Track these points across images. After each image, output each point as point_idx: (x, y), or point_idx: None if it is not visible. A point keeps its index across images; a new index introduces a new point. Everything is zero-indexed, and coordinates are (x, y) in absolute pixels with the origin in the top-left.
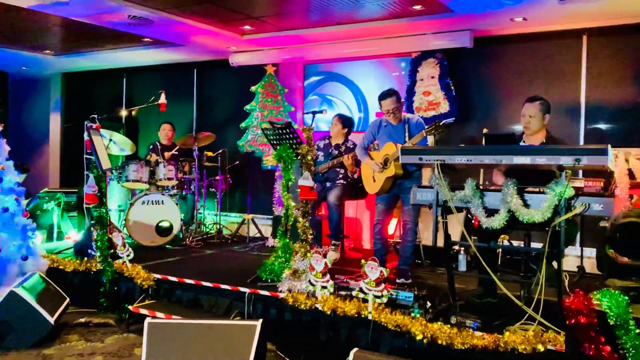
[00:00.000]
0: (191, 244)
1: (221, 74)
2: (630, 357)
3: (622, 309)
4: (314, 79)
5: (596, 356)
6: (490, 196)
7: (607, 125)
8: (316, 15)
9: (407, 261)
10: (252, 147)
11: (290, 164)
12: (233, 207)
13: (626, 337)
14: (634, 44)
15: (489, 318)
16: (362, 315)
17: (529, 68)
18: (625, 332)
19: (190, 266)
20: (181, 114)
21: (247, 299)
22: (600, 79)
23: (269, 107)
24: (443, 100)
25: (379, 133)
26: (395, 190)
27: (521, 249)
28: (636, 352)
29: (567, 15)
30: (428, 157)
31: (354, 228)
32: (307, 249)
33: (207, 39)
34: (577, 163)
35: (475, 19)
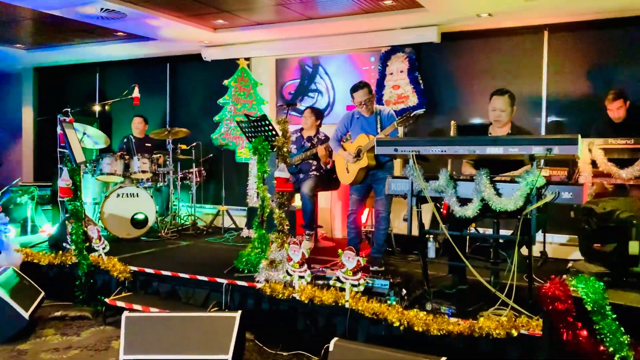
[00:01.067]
0: (166, 236)
1: (194, 68)
2: (607, 342)
3: (598, 295)
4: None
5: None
6: (463, 186)
7: (567, 117)
8: (288, 10)
9: (380, 249)
10: (225, 140)
11: (266, 156)
12: (207, 199)
13: (603, 323)
14: (592, 39)
15: (463, 304)
16: (340, 304)
17: (493, 62)
18: (602, 318)
19: (166, 258)
20: (155, 108)
21: (224, 290)
22: (561, 73)
23: (242, 100)
24: (412, 93)
25: (352, 125)
26: (368, 180)
27: (493, 237)
28: (613, 337)
29: (530, 11)
30: (403, 148)
31: (327, 218)
32: (283, 239)
33: (180, 33)
34: (549, 153)
35: (442, 15)
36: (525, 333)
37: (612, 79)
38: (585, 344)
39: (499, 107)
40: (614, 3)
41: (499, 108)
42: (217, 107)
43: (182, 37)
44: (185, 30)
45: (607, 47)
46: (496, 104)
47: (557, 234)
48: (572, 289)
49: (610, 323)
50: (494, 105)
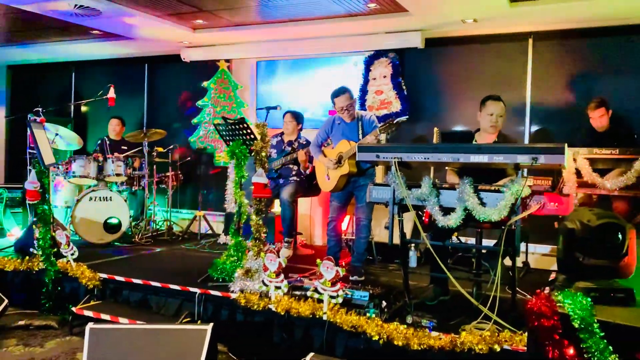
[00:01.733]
0: (140, 241)
1: (173, 68)
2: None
3: (586, 312)
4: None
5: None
6: (446, 194)
7: (551, 126)
8: (271, 12)
9: (361, 258)
10: (204, 143)
11: (244, 161)
12: (184, 203)
13: (591, 341)
14: (577, 48)
15: (444, 317)
16: (317, 316)
17: (477, 69)
18: (590, 336)
19: (138, 265)
20: (131, 109)
21: (197, 300)
22: (545, 81)
23: (222, 103)
24: (395, 99)
25: (333, 131)
26: (349, 187)
27: (476, 247)
28: (601, 356)
29: (515, 18)
30: (385, 155)
31: (306, 225)
32: (260, 247)
33: (158, 32)
34: (535, 162)
35: (427, 20)
36: (508, 349)
37: (596, 87)
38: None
39: (496, 112)
40: (598, 12)
41: (497, 113)
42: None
43: (160, 36)
44: (163, 30)
45: (591, 56)
46: (493, 109)
47: (539, 244)
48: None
49: (598, 341)
50: (491, 110)
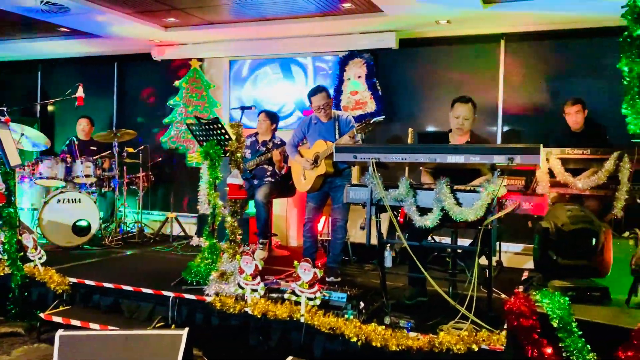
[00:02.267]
0: (111, 244)
1: (143, 67)
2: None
3: (564, 311)
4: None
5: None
6: (423, 195)
7: (523, 127)
8: (244, 10)
9: (337, 259)
10: (175, 144)
11: (218, 161)
12: (155, 205)
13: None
14: (548, 50)
15: (422, 317)
16: (295, 319)
17: (451, 70)
18: (569, 335)
19: (109, 268)
20: (100, 109)
21: (171, 304)
22: (517, 82)
23: (194, 102)
24: (370, 99)
25: (309, 131)
26: (325, 188)
27: (453, 247)
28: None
29: (488, 19)
30: (363, 155)
31: (281, 226)
32: (235, 249)
33: (129, 30)
34: (511, 162)
35: (401, 21)
36: (486, 348)
37: (568, 89)
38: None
39: (463, 114)
40: (569, 14)
41: (463, 116)
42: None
43: (130, 34)
44: (134, 28)
45: (563, 58)
46: (460, 111)
47: (512, 243)
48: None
49: (576, 340)
50: (458, 113)
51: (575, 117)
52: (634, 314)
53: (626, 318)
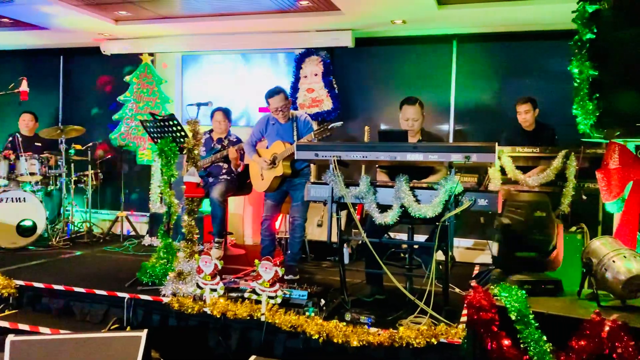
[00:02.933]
0: (58, 245)
1: (92, 62)
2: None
3: (522, 304)
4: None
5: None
6: (383, 192)
7: (474, 125)
8: (199, 5)
9: (295, 257)
10: (125, 141)
11: (173, 159)
12: (104, 204)
13: (526, 332)
14: (499, 51)
15: (382, 313)
16: (255, 318)
17: (405, 70)
18: (526, 327)
19: (58, 270)
20: (45, 104)
21: (126, 305)
22: (468, 82)
23: (145, 98)
24: (326, 97)
25: (267, 131)
26: (284, 187)
27: (412, 243)
28: (536, 345)
29: (442, 20)
30: (324, 153)
31: (237, 224)
32: (192, 249)
33: (77, 23)
34: (468, 160)
35: (357, 20)
36: (444, 341)
37: (518, 90)
38: (509, 353)
39: (411, 116)
40: (519, 17)
41: (412, 117)
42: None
43: (79, 27)
44: (82, 20)
45: (513, 59)
46: (408, 114)
47: (463, 238)
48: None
49: (533, 332)
50: (406, 115)
51: (525, 116)
52: (585, 305)
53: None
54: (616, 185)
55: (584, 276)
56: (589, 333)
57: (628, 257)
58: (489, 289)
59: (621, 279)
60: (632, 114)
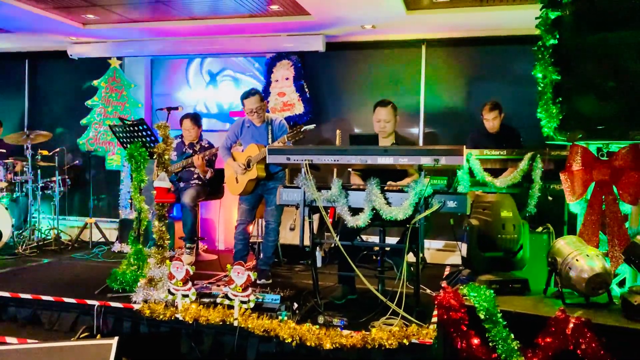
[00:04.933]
0: (25, 252)
1: (58, 65)
2: (499, 349)
3: (490, 303)
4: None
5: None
6: (354, 195)
7: (443, 128)
8: (167, 8)
9: (268, 261)
10: (94, 146)
11: (143, 164)
12: (72, 210)
13: (495, 330)
14: (467, 55)
15: (354, 315)
16: (228, 323)
17: (376, 74)
18: (494, 325)
19: (25, 278)
20: (10, 109)
21: (96, 313)
22: (437, 85)
23: (114, 102)
24: (297, 101)
25: (242, 134)
26: (259, 190)
27: (384, 245)
28: (504, 343)
29: (411, 24)
30: (296, 157)
31: (209, 229)
32: (163, 255)
33: (43, 26)
34: (437, 163)
35: (328, 24)
36: (416, 342)
37: (485, 93)
38: (478, 352)
39: (383, 118)
40: (486, 22)
41: (384, 119)
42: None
43: (45, 31)
44: (49, 23)
45: (480, 63)
46: (380, 115)
47: (434, 240)
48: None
49: (501, 330)
50: (379, 117)
51: (493, 122)
52: (551, 303)
53: (544, 307)
54: (579, 186)
55: (549, 275)
56: (554, 330)
57: (591, 256)
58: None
59: (584, 277)
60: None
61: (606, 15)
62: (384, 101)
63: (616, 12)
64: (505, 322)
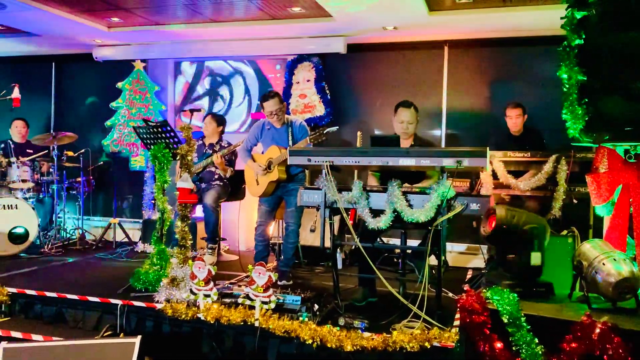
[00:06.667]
0: (50, 252)
1: (84, 68)
2: (523, 353)
3: (514, 307)
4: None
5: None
6: (375, 197)
7: (466, 130)
8: (190, 11)
9: (289, 263)
10: (118, 147)
11: (166, 165)
12: (97, 210)
13: (518, 334)
14: (489, 56)
15: (374, 318)
16: (249, 323)
17: (397, 75)
18: (518, 329)
19: (50, 277)
20: (36, 111)
21: (119, 312)
22: (459, 87)
23: (137, 104)
24: (318, 103)
25: (262, 136)
26: (278, 192)
27: (404, 248)
28: (528, 348)
29: (433, 26)
30: (317, 159)
31: (230, 230)
32: (186, 255)
33: (69, 29)
34: (459, 165)
35: (349, 26)
36: (438, 345)
37: (508, 94)
38: (501, 356)
39: (406, 119)
40: (510, 23)
41: (407, 120)
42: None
43: (71, 34)
44: (75, 27)
45: (503, 65)
46: (403, 116)
47: (456, 243)
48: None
49: (525, 334)
50: (401, 118)
51: (516, 120)
52: (576, 308)
53: (569, 312)
54: (605, 189)
55: (574, 279)
56: (580, 335)
57: (618, 260)
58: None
59: (611, 282)
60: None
61: (633, 14)
62: (406, 102)
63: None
64: (529, 326)
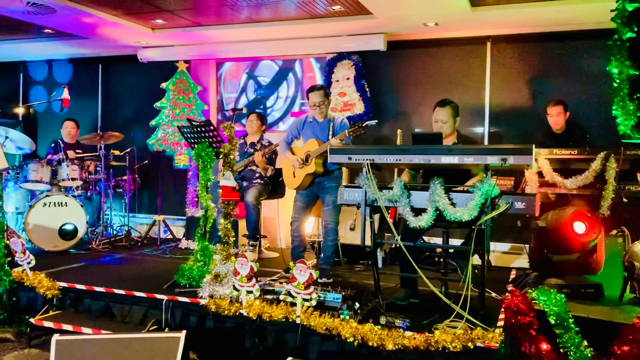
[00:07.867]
0: (98, 248)
1: (129, 69)
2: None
3: (561, 308)
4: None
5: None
6: (417, 195)
7: (509, 128)
8: (232, 12)
9: (329, 260)
10: (162, 146)
11: (210, 164)
12: (142, 208)
13: (566, 336)
14: (533, 52)
15: (417, 317)
16: (290, 320)
17: (438, 72)
18: (566, 331)
19: (98, 272)
20: (85, 111)
21: (164, 307)
22: (503, 83)
23: (181, 104)
24: (358, 101)
25: (304, 129)
26: (314, 188)
27: (447, 247)
28: (577, 350)
29: (475, 21)
30: (357, 157)
31: (271, 227)
32: (229, 251)
33: (115, 32)
34: (504, 162)
35: (390, 23)
36: (481, 346)
37: (551, 91)
38: (547, 358)
39: (440, 118)
40: (554, 17)
41: (441, 119)
42: (153, 111)
43: (117, 36)
44: (121, 29)
45: (547, 60)
46: (438, 116)
47: (499, 242)
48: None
49: (573, 336)
50: (436, 117)
51: (557, 118)
52: (627, 310)
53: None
54: None
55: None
56: (632, 338)
57: None
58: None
59: None
60: None
61: None
62: (443, 101)
63: None
64: (577, 328)
